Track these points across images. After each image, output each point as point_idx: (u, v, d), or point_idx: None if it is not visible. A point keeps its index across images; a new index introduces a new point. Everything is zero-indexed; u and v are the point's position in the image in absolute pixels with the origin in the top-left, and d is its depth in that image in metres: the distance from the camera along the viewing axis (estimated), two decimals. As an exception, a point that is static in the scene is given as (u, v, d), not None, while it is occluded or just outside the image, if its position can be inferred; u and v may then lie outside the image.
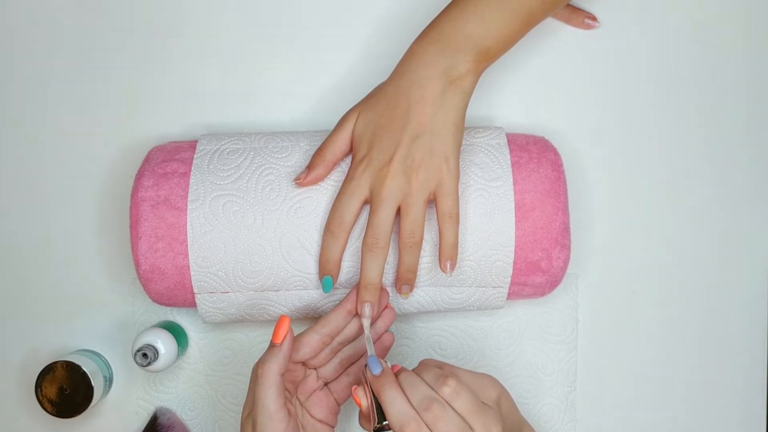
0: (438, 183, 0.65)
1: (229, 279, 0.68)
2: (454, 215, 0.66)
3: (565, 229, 0.70)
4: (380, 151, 0.65)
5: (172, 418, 0.77)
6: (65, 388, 0.72)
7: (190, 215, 0.67)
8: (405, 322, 0.78)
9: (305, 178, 0.67)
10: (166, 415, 0.77)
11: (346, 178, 0.67)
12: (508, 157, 0.70)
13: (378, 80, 0.69)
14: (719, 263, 0.79)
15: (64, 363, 0.72)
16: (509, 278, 0.70)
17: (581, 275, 0.78)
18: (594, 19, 0.78)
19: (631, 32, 0.79)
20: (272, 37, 0.79)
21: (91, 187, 0.78)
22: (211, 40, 0.79)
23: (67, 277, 0.78)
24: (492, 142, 0.71)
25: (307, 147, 0.70)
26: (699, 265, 0.79)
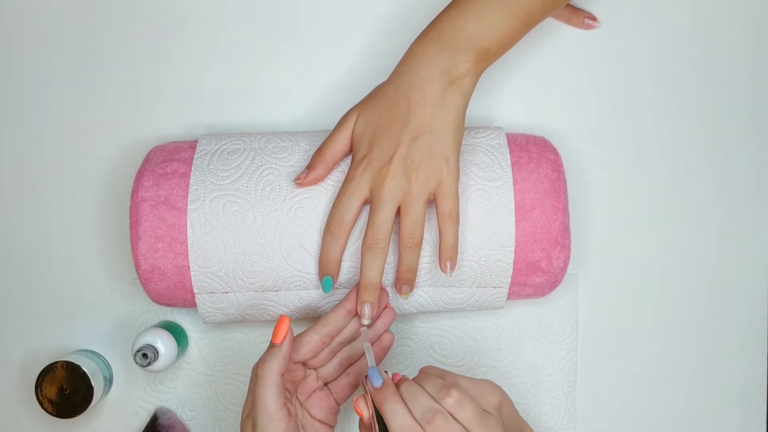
0: (438, 183, 0.65)
1: (229, 279, 0.68)
2: (454, 215, 0.66)
3: (565, 229, 0.70)
4: (380, 151, 0.65)
5: (172, 418, 0.77)
6: (65, 388, 0.72)
7: (190, 215, 0.67)
8: (405, 322, 0.78)
9: (305, 178, 0.67)
10: (166, 415, 0.77)
11: (346, 178, 0.67)
12: (508, 157, 0.70)
13: (378, 80, 0.69)
14: (719, 263, 0.79)
15: (64, 363, 0.72)
16: (509, 278, 0.70)
17: (581, 275, 0.78)
18: (594, 19, 0.78)
19: (631, 32, 0.79)
20: (272, 37, 0.79)
21: (91, 187, 0.78)
22: (211, 40, 0.79)
23: (67, 277, 0.78)
24: (492, 142, 0.71)
25: (307, 147, 0.70)
26: (699, 265, 0.79)
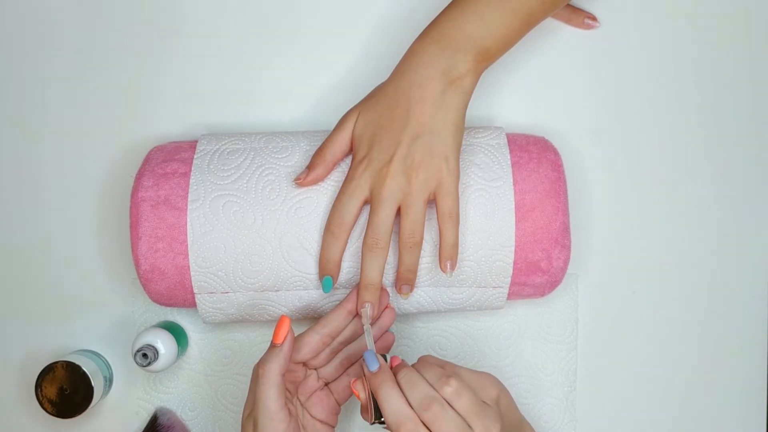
0: (438, 183, 0.65)
1: (229, 279, 0.68)
2: (454, 215, 0.66)
3: (565, 229, 0.70)
4: (380, 151, 0.65)
5: (172, 418, 0.77)
6: (65, 388, 0.72)
7: (190, 215, 0.67)
8: (405, 322, 0.78)
9: (305, 178, 0.67)
10: (166, 415, 0.77)
11: (346, 178, 0.67)
12: (508, 157, 0.70)
13: (378, 80, 0.69)
14: (719, 263, 0.79)
15: (64, 363, 0.72)
16: (509, 278, 0.70)
17: (581, 275, 0.78)
18: (594, 19, 0.78)
19: (631, 32, 0.79)
20: (272, 37, 0.79)
21: (91, 187, 0.78)
22: (211, 40, 0.79)
23: (67, 277, 0.78)
24: (492, 142, 0.71)
25: (307, 147, 0.70)
26: (699, 265, 0.79)
